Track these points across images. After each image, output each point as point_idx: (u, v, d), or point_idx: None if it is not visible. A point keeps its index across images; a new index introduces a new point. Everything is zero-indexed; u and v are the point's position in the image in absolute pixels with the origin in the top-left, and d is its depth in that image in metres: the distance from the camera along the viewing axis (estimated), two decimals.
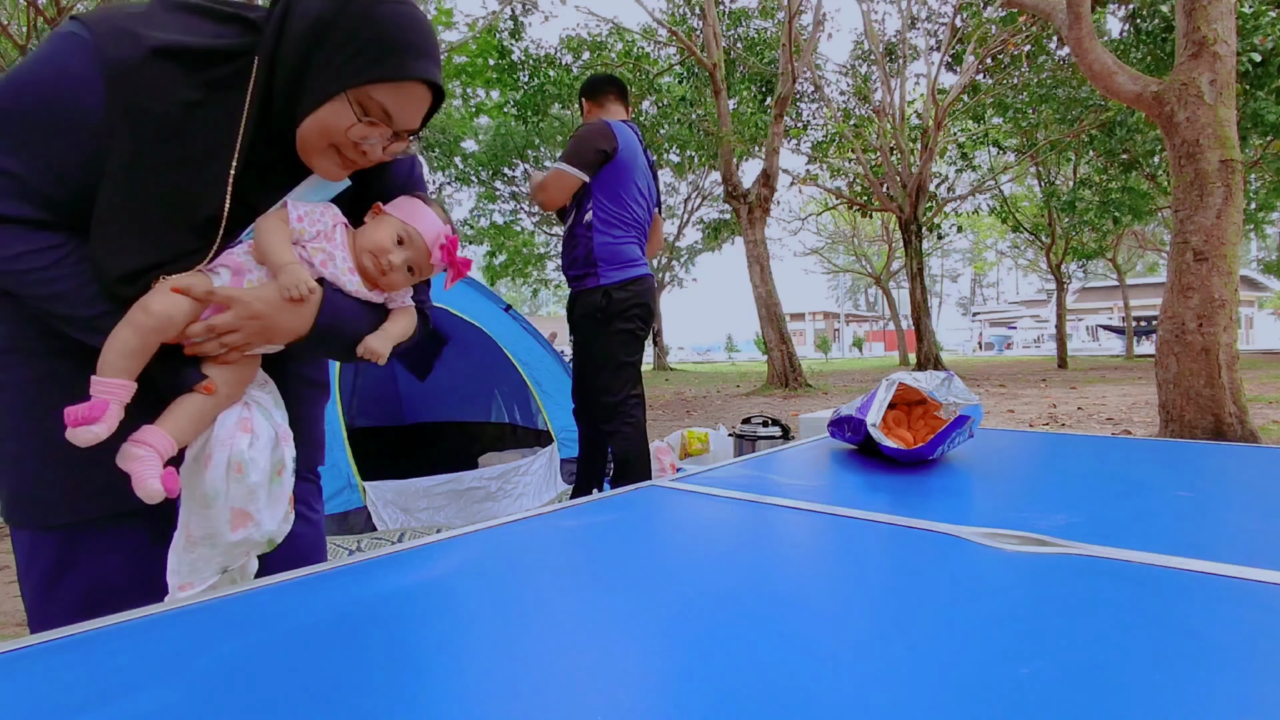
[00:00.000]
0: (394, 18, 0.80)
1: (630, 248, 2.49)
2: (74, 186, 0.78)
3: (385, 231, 0.90)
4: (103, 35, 0.75)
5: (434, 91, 0.86)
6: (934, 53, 13.53)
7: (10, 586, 2.35)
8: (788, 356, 10.77)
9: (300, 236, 0.86)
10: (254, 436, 0.87)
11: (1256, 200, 13.75)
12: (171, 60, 0.77)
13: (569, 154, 2.41)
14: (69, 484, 0.83)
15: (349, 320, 0.90)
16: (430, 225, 0.93)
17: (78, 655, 0.46)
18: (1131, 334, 20.19)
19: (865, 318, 51.90)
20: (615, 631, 0.47)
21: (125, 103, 0.76)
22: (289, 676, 0.41)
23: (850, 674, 0.40)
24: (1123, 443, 1.27)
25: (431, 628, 0.48)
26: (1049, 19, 4.95)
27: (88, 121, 0.76)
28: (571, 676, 0.41)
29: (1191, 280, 3.92)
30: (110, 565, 0.86)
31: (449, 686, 0.39)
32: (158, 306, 0.78)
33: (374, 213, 0.93)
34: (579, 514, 0.79)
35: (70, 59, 0.75)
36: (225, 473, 0.84)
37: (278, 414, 0.92)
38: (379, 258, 0.89)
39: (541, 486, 3.36)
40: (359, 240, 0.90)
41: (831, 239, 30.79)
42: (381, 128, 0.83)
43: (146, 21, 0.78)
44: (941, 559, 0.60)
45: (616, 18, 12.43)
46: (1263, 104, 7.90)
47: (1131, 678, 0.38)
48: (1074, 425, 5.74)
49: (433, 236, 0.93)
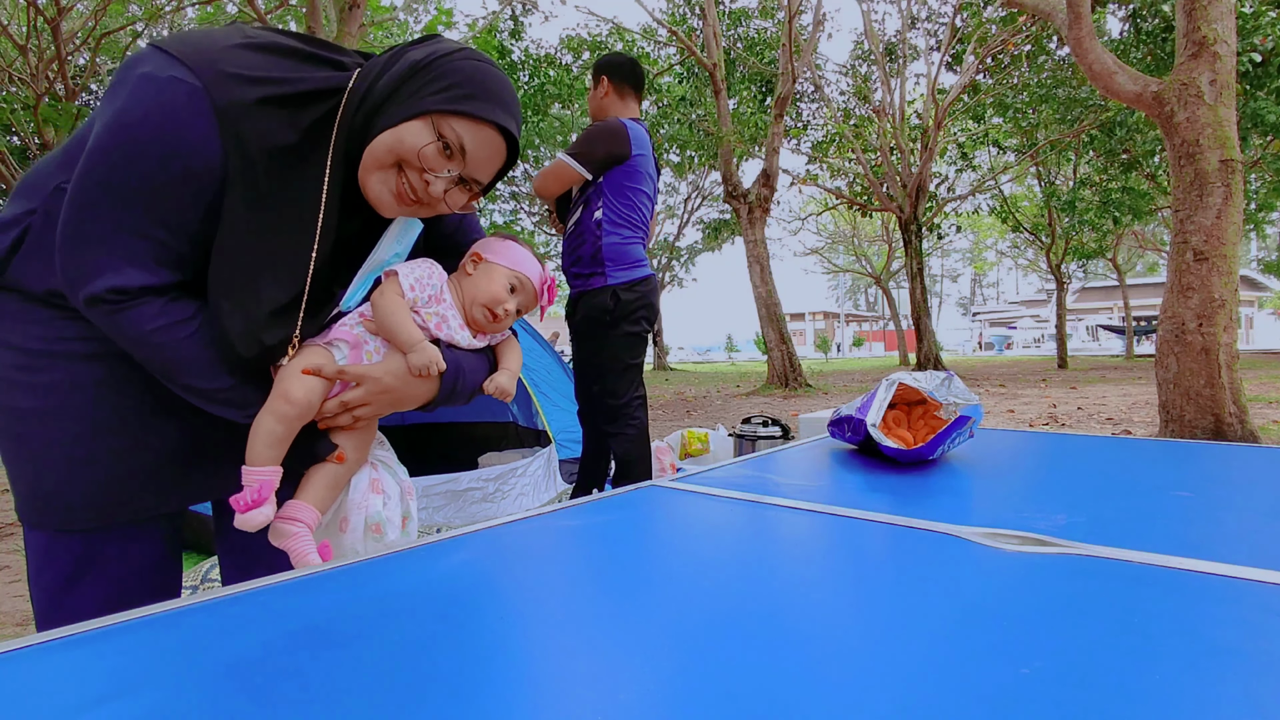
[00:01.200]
0: (488, 73, 0.82)
1: (637, 248, 2.48)
2: (201, 243, 0.77)
3: (499, 283, 0.91)
4: (212, 81, 0.72)
5: (509, 152, 0.86)
6: (934, 53, 13.53)
7: (10, 586, 2.35)
8: (788, 356, 10.77)
9: (414, 304, 0.87)
10: (386, 496, 0.90)
11: (1256, 200, 13.74)
12: (276, 105, 0.76)
13: (578, 148, 2.38)
14: (94, 488, 0.83)
15: (469, 373, 0.92)
16: (534, 269, 0.95)
17: (78, 655, 0.46)
18: (1131, 334, 20.18)
19: (865, 317, 51.91)
20: (615, 631, 0.47)
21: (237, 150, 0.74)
22: (289, 676, 0.41)
23: (850, 674, 0.40)
24: (1123, 443, 1.27)
25: (431, 627, 0.48)
26: (1049, 19, 4.95)
27: (209, 175, 0.74)
28: (571, 676, 0.41)
29: (1191, 280, 3.92)
30: (128, 573, 0.86)
31: (449, 686, 0.39)
32: (298, 395, 0.80)
33: (475, 260, 0.93)
34: (579, 514, 0.79)
35: (185, 111, 0.71)
36: (364, 534, 0.87)
37: (400, 470, 0.95)
38: (493, 309, 0.91)
39: (540, 487, 3.36)
40: (468, 292, 0.92)
41: (831, 239, 30.80)
42: (453, 162, 0.82)
43: (247, 63, 0.75)
44: (941, 559, 0.60)
45: (616, 18, 12.43)
46: (1263, 104, 7.90)
47: (1131, 678, 0.38)
48: (1074, 425, 5.74)
49: (540, 281, 0.95)
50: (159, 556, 0.88)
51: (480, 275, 0.92)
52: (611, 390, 2.40)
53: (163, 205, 0.73)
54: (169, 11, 9.88)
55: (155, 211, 0.73)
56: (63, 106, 9.22)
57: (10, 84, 10.08)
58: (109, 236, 0.73)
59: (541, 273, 0.96)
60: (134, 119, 0.70)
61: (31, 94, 9.21)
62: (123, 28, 10.31)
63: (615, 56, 2.59)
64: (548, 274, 0.97)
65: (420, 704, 0.37)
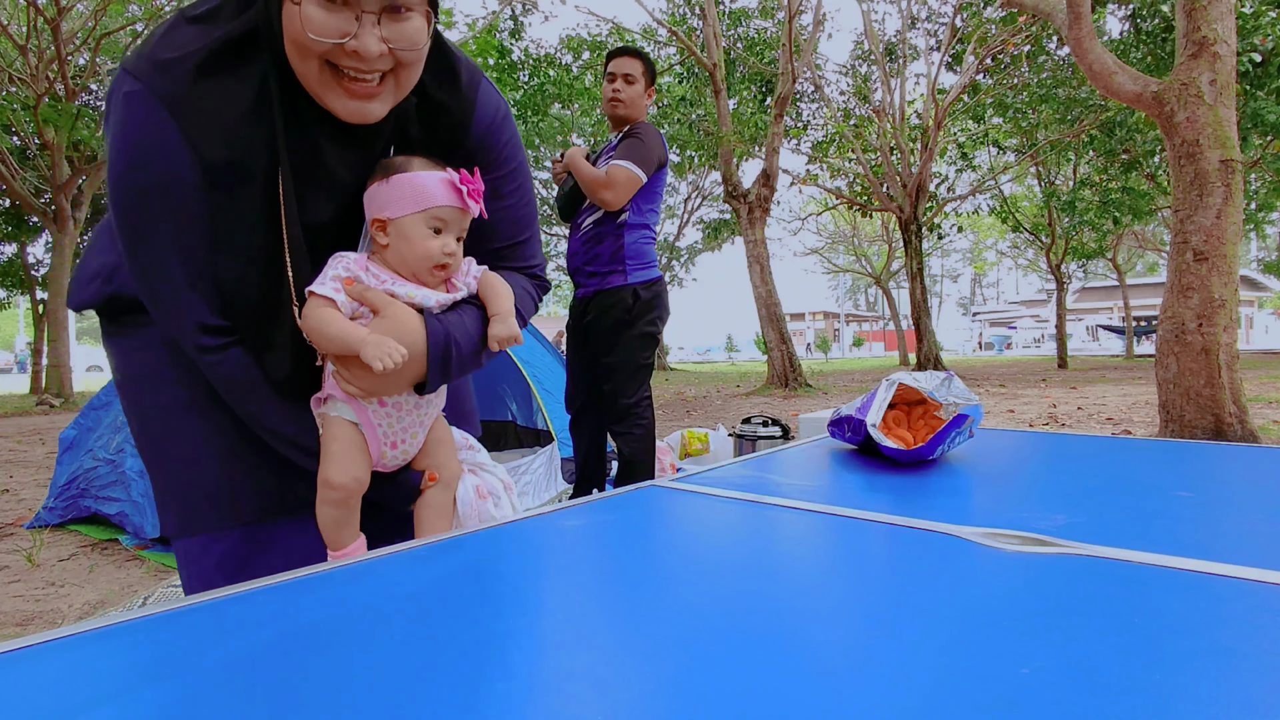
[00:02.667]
0: None
1: (652, 248, 2.50)
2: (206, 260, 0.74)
3: (419, 237, 0.79)
4: (150, 78, 0.68)
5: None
6: (934, 53, 13.53)
7: (10, 586, 2.35)
8: (788, 356, 10.77)
9: (354, 311, 0.78)
10: (495, 498, 0.90)
11: (1256, 200, 13.75)
12: (211, 72, 0.70)
13: (640, 158, 2.34)
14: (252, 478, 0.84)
15: (461, 338, 0.81)
16: (440, 190, 0.79)
17: (78, 655, 0.46)
18: (1131, 334, 20.19)
19: (865, 317, 51.90)
20: (615, 631, 0.47)
21: (200, 134, 0.69)
22: (289, 676, 0.41)
23: (850, 673, 0.40)
24: (1123, 443, 1.27)
25: (431, 627, 0.48)
26: (1049, 19, 4.95)
27: (188, 180, 0.70)
28: (572, 676, 0.41)
29: (1191, 280, 3.92)
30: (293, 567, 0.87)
31: (449, 686, 0.39)
32: (338, 479, 0.79)
33: (379, 228, 0.81)
34: (579, 514, 0.79)
35: (143, 121, 0.68)
36: None
37: (498, 469, 0.94)
38: (434, 263, 0.80)
39: (542, 485, 3.36)
40: (397, 264, 0.81)
41: (831, 239, 30.80)
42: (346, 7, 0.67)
43: (179, 41, 0.70)
44: (941, 559, 0.60)
45: (616, 18, 12.44)
46: (1263, 104, 7.90)
47: (1131, 678, 0.38)
48: (1074, 425, 5.74)
49: (446, 195, 0.79)
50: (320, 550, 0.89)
51: (396, 240, 0.79)
52: (623, 389, 2.39)
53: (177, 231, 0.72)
54: (169, 12, 9.88)
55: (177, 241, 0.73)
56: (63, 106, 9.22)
57: (10, 84, 10.08)
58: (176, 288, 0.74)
59: (447, 179, 0.79)
60: (116, 152, 0.70)
61: (31, 94, 9.22)
62: (123, 28, 10.32)
63: (648, 57, 2.57)
64: (451, 173, 0.80)
65: (420, 704, 0.37)
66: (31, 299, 13.76)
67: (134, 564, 2.57)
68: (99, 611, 2.11)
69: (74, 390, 10.99)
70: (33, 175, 11.07)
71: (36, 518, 3.12)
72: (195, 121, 0.70)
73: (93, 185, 11.01)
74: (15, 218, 12.28)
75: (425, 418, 0.86)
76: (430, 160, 0.81)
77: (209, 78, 0.70)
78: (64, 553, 2.71)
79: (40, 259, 14.12)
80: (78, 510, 2.98)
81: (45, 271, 12.54)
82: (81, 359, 29.23)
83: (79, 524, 3.01)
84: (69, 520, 3.03)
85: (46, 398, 10.44)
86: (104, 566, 2.54)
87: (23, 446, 6.02)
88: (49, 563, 2.59)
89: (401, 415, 0.83)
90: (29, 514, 3.33)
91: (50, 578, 2.43)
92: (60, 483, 3.10)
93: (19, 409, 9.86)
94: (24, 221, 12.35)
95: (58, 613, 2.11)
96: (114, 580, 2.39)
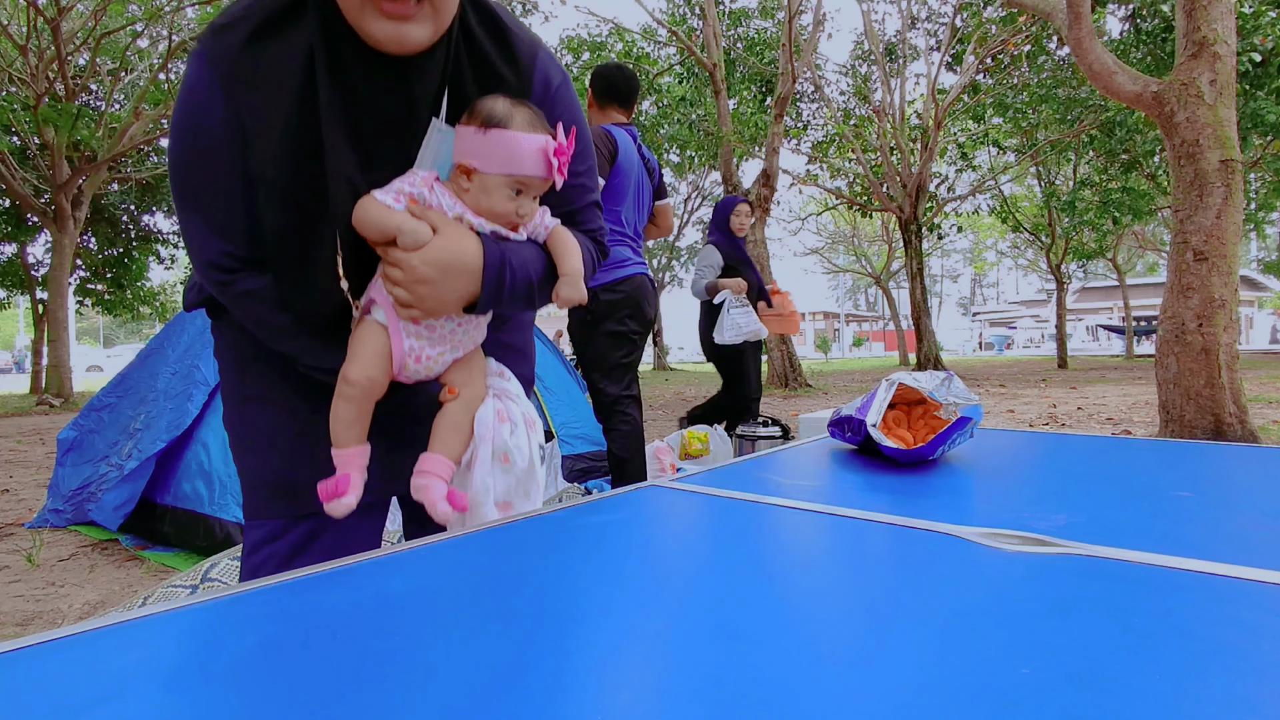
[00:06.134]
0: None
1: (619, 249, 2.51)
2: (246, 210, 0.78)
3: (499, 198, 0.78)
4: (207, 41, 0.74)
5: None
6: (934, 53, 13.53)
7: (10, 586, 2.35)
8: (788, 356, 10.77)
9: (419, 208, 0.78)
10: (513, 424, 0.87)
11: (1256, 200, 13.75)
12: (264, 38, 0.74)
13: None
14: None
15: (518, 266, 0.80)
16: (533, 161, 0.78)
17: (78, 655, 0.46)
18: (1131, 334, 20.19)
19: (865, 317, 51.86)
20: (615, 631, 0.47)
21: (248, 99, 0.74)
22: (290, 676, 0.41)
23: (850, 674, 0.40)
24: (1123, 443, 1.27)
25: (431, 627, 0.48)
26: (1049, 19, 4.95)
27: (224, 135, 0.75)
28: (571, 676, 0.41)
29: (1191, 280, 3.92)
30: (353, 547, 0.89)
31: (449, 686, 0.39)
32: (355, 375, 0.79)
33: (464, 174, 0.79)
34: (579, 514, 0.79)
35: (197, 84, 0.74)
36: (491, 465, 0.85)
37: (526, 403, 0.91)
38: (507, 221, 0.80)
39: (542, 484, 3.35)
40: (472, 205, 0.80)
41: (831, 239, 30.79)
42: None
43: (238, 9, 0.75)
44: (942, 559, 0.60)
45: (616, 18, 12.44)
46: (1263, 104, 7.90)
47: (1131, 678, 0.38)
48: (1074, 425, 5.74)
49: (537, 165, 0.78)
50: (380, 542, 0.91)
51: (477, 190, 0.79)
52: (599, 386, 2.51)
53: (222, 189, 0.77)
54: (169, 12, 9.88)
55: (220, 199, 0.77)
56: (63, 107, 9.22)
57: (10, 84, 10.08)
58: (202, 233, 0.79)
59: (543, 148, 0.78)
60: (175, 105, 0.77)
61: (31, 94, 9.22)
62: (123, 28, 10.32)
63: (605, 73, 2.62)
64: (551, 142, 0.78)
65: (420, 704, 0.37)
66: (31, 299, 13.75)
67: (134, 564, 2.57)
68: (99, 611, 2.11)
69: (74, 390, 10.98)
70: (33, 175, 11.08)
71: (41, 520, 3.10)
72: (242, 80, 0.74)
73: (93, 185, 11.00)
74: (15, 218, 12.27)
75: (459, 343, 0.85)
76: (531, 113, 0.80)
77: (259, 41, 0.74)
78: (64, 553, 2.71)
79: (40, 259, 14.09)
80: (84, 515, 2.97)
81: (45, 271, 12.53)
82: (81, 359, 29.16)
83: (79, 524, 3.01)
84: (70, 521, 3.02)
85: (46, 398, 10.43)
86: (104, 566, 2.54)
87: (23, 446, 6.02)
88: (49, 563, 2.59)
89: (434, 336, 0.82)
90: (29, 514, 3.33)
91: (50, 578, 2.43)
92: (71, 486, 3.06)
93: (19, 409, 9.86)
94: (24, 221, 12.34)
95: (58, 613, 2.11)
96: (114, 580, 2.39)
